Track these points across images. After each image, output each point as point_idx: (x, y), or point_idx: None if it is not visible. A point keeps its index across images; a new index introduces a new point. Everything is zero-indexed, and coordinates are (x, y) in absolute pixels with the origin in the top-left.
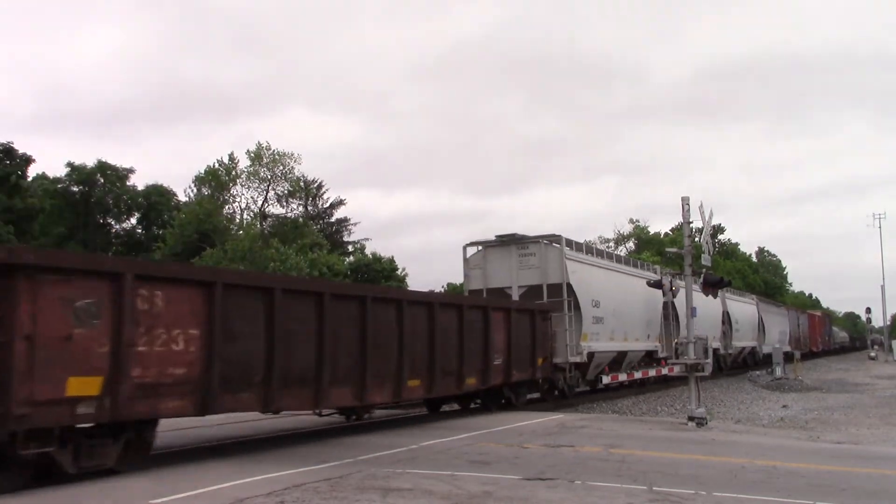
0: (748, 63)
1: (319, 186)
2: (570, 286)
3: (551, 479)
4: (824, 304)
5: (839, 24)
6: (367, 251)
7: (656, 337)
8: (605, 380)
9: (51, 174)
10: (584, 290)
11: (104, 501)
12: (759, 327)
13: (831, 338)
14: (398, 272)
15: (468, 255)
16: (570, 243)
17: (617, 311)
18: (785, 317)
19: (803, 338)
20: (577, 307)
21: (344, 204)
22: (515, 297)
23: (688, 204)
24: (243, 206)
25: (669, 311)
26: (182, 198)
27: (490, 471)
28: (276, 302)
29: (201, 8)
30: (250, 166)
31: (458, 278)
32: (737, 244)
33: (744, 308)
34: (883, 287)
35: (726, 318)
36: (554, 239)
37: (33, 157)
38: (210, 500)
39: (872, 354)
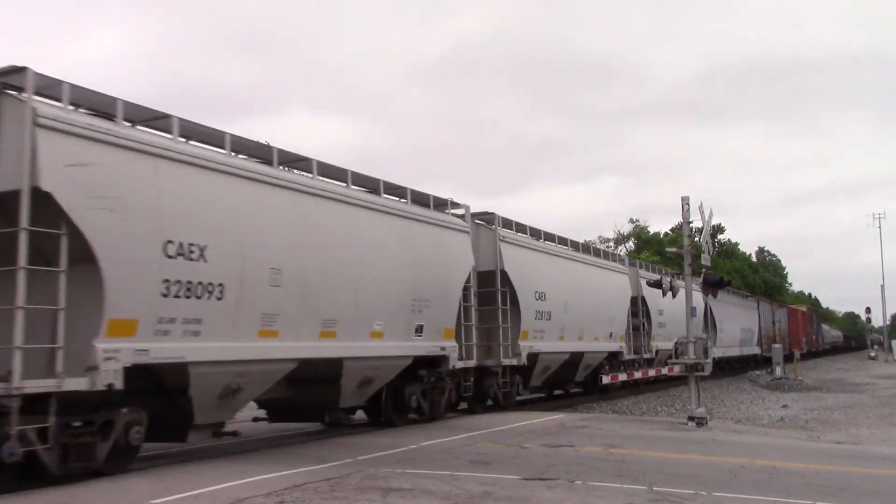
0: (748, 63)
1: None
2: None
3: (551, 479)
4: (824, 304)
5: (839, 24)
6: None
7: (415, 330)
8: (606, 379)
9: None
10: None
11: (102, 502)
12: (708, 322)
13: (820, 337)
14: None
15: None
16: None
17: (295, 275)
18: (753, 310)
19: (780, 337)
20: (93, 260)
21: None
22: None
23: (688, 204)
24: None
25: (480, 298)
26: None
27: (490, 471)
28: None
29: (202, 8)
30: None
31: None
32: (737, 244)
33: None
34: (883, 287)
35: (642, 308)
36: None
37: None
38: (210, 500)
39: (872, 354)
